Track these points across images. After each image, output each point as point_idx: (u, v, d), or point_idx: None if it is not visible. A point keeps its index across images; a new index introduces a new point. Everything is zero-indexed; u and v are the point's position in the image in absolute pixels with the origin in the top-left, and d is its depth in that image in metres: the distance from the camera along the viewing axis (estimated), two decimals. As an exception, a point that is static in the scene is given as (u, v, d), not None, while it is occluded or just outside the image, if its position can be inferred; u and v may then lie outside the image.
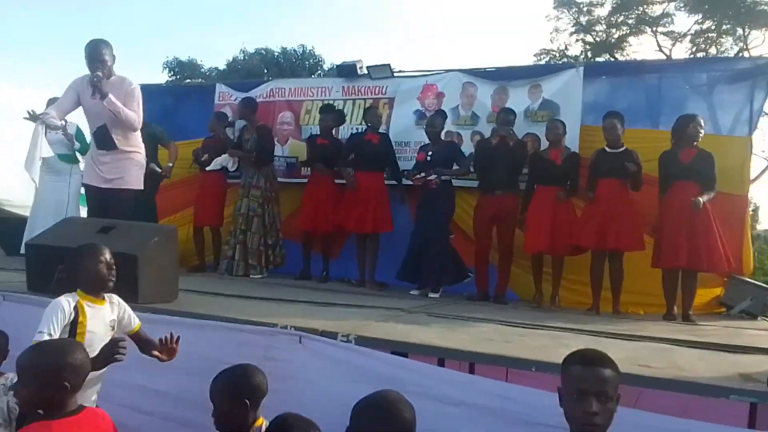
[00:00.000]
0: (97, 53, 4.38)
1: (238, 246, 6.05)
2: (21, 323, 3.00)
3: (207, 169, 6.27)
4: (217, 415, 2.38)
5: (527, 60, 21.29)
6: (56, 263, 3.65)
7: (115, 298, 2.76)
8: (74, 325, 2.51)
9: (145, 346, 2.78)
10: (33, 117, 4.23)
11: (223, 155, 6.22)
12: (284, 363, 3.06)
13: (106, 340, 2.52)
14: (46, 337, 2.42)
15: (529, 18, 47.36)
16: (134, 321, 2.82)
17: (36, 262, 3.87)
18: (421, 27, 49.80)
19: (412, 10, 49.74)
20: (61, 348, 2.12)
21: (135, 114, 4.46)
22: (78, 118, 5.32)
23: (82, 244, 2.81)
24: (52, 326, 2.46)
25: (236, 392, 2.40)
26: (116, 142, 4.54)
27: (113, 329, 2.69)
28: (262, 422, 2.44)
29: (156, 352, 2.71)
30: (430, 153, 5.55)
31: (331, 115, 6.16)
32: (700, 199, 4.55)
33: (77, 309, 2.54)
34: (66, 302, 2.54)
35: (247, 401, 2.39)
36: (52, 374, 2.00)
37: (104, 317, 2.65)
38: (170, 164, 6.18)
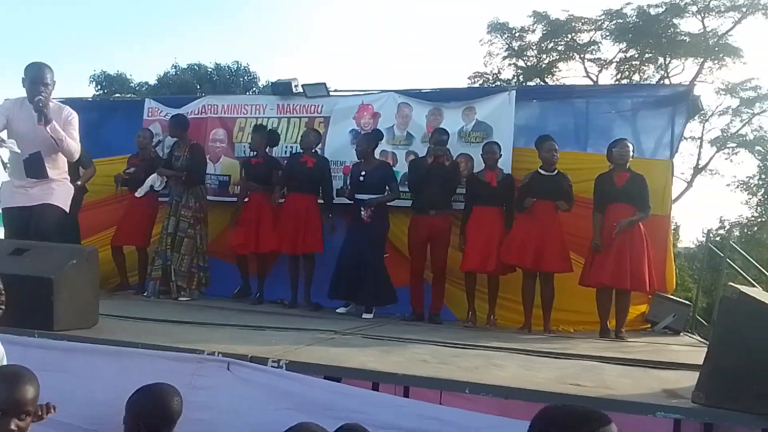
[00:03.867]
0: (41, 76, 4.15)
1: (167, 267, 5.84)
2: None
3: (137, 194, 6.00)
4: None
5: (462, 82, 21.74)
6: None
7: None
8: None
9: None
10: None
11: (151, 176, 5.98)
12: (211, 391, 2.93)
13: None
14: None
15: (463, 42, 48.58)
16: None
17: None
18: (357, 46, 50.25)
19: (349, 29, 50.20)
20: None
21: (75, 143, 4.26)
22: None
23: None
24: None
25: (149, 414, 2.30)
26: (47, 170, 4.31)
27: None
28: None
29: None
30: (363, 173, 5.53)
31: (260, 133, 6.07)
32: (624, 222, 4.71)
33: None
34: None
35: (159, 424, 2.27)
36: None
37: None
38: (78, 183, 5.68)
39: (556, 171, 5.11)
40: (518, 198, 5.15)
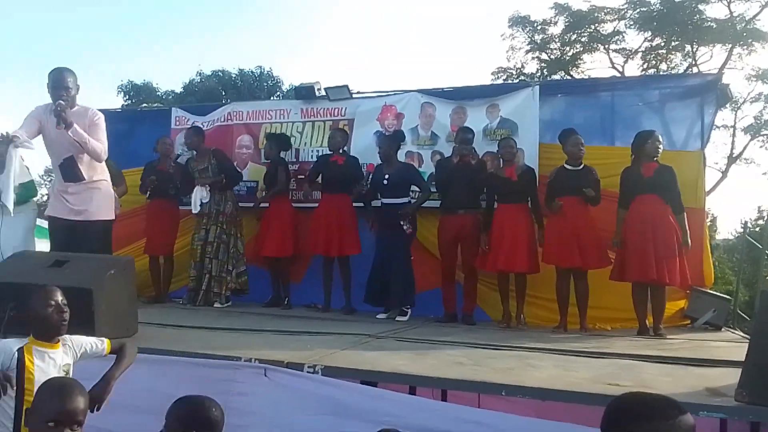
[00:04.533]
0: (61, 80, 4.25)
1: (207, 275, 5.90)
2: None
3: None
4: None
5: (485, 78, 21.58)
6: (8, 301, 3.49)
7: (69, 338, 2.62)
8: (21, 372, 2.37)
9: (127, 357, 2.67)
10: (5, 140, 4.03)
11: (195, 190, 6.00)
12: (249, 397, 2.97)
13: None
14: None
15: (485, 37, 48.22)
16: (101, 345, 2.69)
17: (-15, 300, 3.67)
18: (379, 48, 50.30)
19: (371, 31, 50.26)
20: None
21: (101, 144, 4.34)
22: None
23: (33, 284, 2.66)
24: None
25: (190, 421, 2.29)
26: (83, 173, 4.42)
27: (67, 373, 2.53)
28: None
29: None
30: (386, 176, 5.52)
31: (269, 142, 6.20)
32: (687, 239, 4.72)
33: (21, 356, 2.39)
34: (7, 349, 2.39)
35: None
36: None
37: (56, 363, 2.50)
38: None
39: (582, 165, 5.04)
40: (547, 195, 5.10)
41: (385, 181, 5.51)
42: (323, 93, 6.60)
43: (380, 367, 3.06)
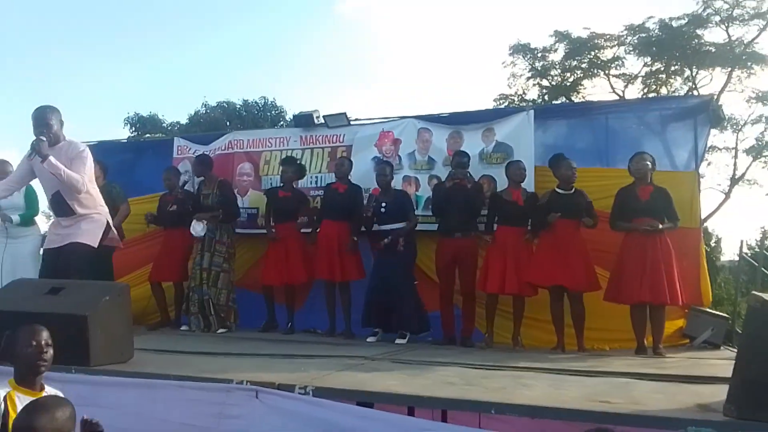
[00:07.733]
0: (42, 117, 4.40)
1: (205, 301, 5.93)
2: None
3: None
4: None
5: (487, 105, 21.76)
6: (4, 328, 3.52)
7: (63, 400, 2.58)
8: (5, 418, 2.26)
9: None
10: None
11: (193, 222, 6.02)
12: (241, 420, 2.97)
13: None
14: None
15: (487, 64, 48.69)
16: None
17: (-18, 327, 3.71)
18: (382, 78, 50.91)
19: (374, 62, 50.96)
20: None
21: (78, 176, 4.40)
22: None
23: (28, 312, 2.62)
24: None
25: None
26: (72, 207, 4.52)
27: None
28: None
29: None
30: (384, 204, 5.57)
31: (293, 167, 6.19)
32: (659, 225, 4.70)
33: (5, 403, 2.29)
34: None
35: None
36: None
37: None
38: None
39: (573, 189, 5.09)
40: (539, 217, 5.13)
41: (383, 209, 5.56)
42: (322, 120, 6.70)
43: (371, 387, 3.06)
